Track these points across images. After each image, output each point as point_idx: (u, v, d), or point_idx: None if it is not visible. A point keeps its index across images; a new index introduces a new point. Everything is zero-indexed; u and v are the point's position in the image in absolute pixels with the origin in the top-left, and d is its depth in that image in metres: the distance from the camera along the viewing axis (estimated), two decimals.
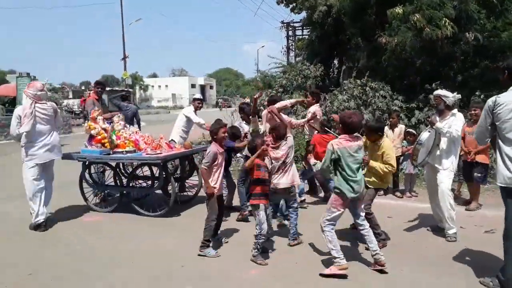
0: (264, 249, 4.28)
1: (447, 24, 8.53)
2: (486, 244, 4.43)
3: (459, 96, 4.76)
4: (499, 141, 3.41)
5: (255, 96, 5.84)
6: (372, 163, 4.36)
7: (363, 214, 4.04)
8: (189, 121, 7.20)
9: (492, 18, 9.95)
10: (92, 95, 6.93)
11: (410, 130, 6.90)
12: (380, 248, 4.01)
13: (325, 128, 6.12)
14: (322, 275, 3.78)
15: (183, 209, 6.11)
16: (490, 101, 3.41)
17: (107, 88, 25.84)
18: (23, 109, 5.14)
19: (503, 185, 3.37)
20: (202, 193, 6.64)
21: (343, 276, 3.74)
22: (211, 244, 4.41)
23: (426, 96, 9.09)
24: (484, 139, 3.66)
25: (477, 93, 8.67)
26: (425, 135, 4.73)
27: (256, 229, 4.16)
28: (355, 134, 3.94)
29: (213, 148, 4.36)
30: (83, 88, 47.42)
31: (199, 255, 4.30)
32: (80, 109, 24.10)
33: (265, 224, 4.17)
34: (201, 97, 7.55)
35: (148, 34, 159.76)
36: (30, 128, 5.10)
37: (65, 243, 4.84)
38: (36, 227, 5.28)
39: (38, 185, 5.32)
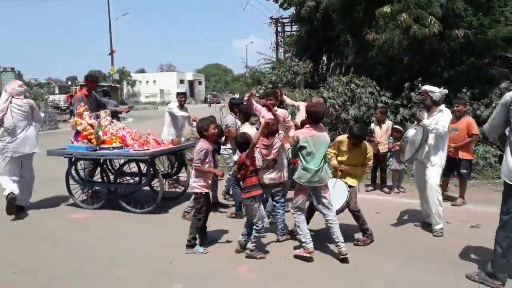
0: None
1: (433, 22, 8.61)
2: (472, 239, 4.49)
3: (445, 91, 4.77)
4: (510, 136, 3.37)
5: (251, 92, 5.84)
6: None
7: (328, 204, 4.09)
8: (175, 116, 7.14)
9: (479, 15, 10.08)
10: (82, 91, 6.77)
11: (397, 126, 6.96)
12: (368, 244, 4.08)
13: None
14: (295, 256, 4.10)
15: (171, 206, 6.07)
16: (508, 96, 3.32)
17: None
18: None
19: (508, 182, 3.35)
20: (190, 190, 6.63)
21: (309, 259, 4.01)
22: (197, 242, 4.36)
23: (410, 93, 9.19)
24: (496, 134, 3.60)
25: (463, 90, 8.79)
26: (411, 131, 4.74)
27: (258, 224, 4.06)
28: (320, 124, 4.12)
29: (204, 145, 4.29)
30: (69, 83, 46.68)
31: (186, 253, 4.26)
32: (66, 105, 23.75)
33: (265, 216, 4.17)
34: (184, 91, 7.42)
35: (136, 29, 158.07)
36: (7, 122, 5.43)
37: (52, 240, 4.76)
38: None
39: (13, 176, 5.59)
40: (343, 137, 4.69)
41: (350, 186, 4.44)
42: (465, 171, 6.04)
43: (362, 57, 10.86)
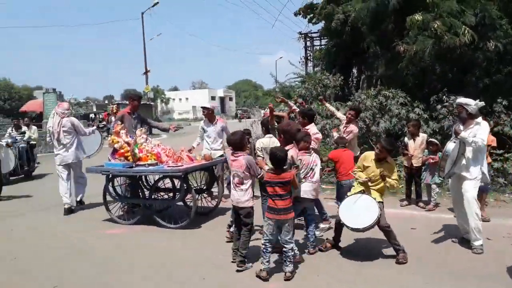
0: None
1: (466, 32, 8.41)
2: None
3: (482, 103, 4.60)
4: None
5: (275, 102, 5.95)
6: (390, 181, 4.41)
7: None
8: (204, 131, 7.28)
9: None
10: (125, 109, 6.98)
11: (433, 139, 6.74)
12: (403, 262, 4.14)
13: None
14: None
15: (203, 220, 6.16)
16: None
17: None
18: (52, 124, 6.97)
19: None
20: (222, 204, 6.72)
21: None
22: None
23: (441, 106, 8.98)
24: None
25: (498, 100, 8.48)
26: (451, 145, 4.59)
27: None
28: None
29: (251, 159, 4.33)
30: (106, 102, 48.59)
31: (237, 271, 4.18)
32: (104, 123, 24.71)
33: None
34: (207, 106, 7.37)
35: (169, 48, 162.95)
36: (59, 138, 6.89)
37: (89, 255, 4.94)
38: (65, 211, 6.85)
39: (65, 179, 6.97)
40: (368, 153, 4.67)
41: (379, 202, 4.39)
42: (482, 184, 5.71)
43: (392, 69, 10.70)
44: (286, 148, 4.36)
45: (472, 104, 4.58)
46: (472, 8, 8.94)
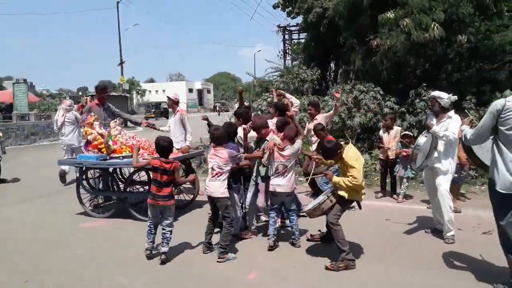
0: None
1: (435, 28, 8.59)
2: (483, 246, 4.44)
3: (455, 97, 4.69)
4: (502, 146, 3.31)
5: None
6: (335, 179, 4.17)
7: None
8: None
9: (486, 20, 10.03)
10: (94, 101, 6.88)
11: (407, 132, 6.87)
12: (340, 269, 3.94)
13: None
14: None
15: (180, 214, 6.09)
16: (499, 105, 3.27)
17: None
18: (57, 116, 8.83)
19: (503, 192, 3.29)
20: (199, 198, 6.66)
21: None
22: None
23: (414, 100, 9.18)
24: (480, 142, 3.57)
25: (467, 97, 8.74)
26: (422, 139, 4.68)
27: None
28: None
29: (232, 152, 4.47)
30: (80, 93, 47.33)
31: (219, 261, 4.22)
32: None
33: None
34: (169, 96, 7.17)
35: (145, 39, 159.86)
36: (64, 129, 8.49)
37: (63, 248, 4.81)
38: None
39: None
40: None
41: (340, 197, 4.18)
42: (456, 175, 5.87)
43: (368, 63, 10.86)
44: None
45: (445, 97, 4.67)
46: (443, 4, 9.13)
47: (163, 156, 4.30)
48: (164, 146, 4.31)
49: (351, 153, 4.14)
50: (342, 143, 4.29)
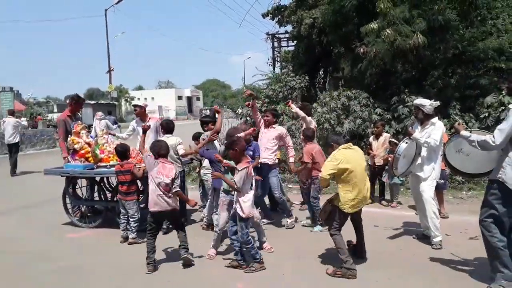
0: None
1: (418, 36, 8.72)
2: (471, 251, 4.48)
3: (437, 103, 4.72)
4: None
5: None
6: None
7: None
8: (134, 130, 6.85)
9: (470, 28, 10.25)
10: (65, 112, 6.65)
11: (392, 139, 6.93)
12: (338, 276, 3.98)
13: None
14: None
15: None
16: None
17: (92, 102, 25.60)
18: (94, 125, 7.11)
19: None
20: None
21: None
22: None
23: (398, 107, 9.29)
24: (504, 144, 3.53)
25: (453, 104, 8.88)
26: (402, 146, 4.69)
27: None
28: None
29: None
30: (67, 101, 46.83)
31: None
32: None
33: None
34: (139, 104, 7.06)
35: (134, 47, 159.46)
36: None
37: (50, 260, 4.71)
38: None
39: None
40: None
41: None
42: (442, 181, 5.81)
43: (356, 70, 10.99)
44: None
45: (427, 104, 4.70)
46: (425, 13, 9.29)
47: (122, 160, 5.32)
48: (120, 151, 5.37)
49: (338, 154, 4.13)
50: (344, 145, 4.28)
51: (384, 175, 6.83)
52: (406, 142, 4.70)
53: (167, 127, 5.81)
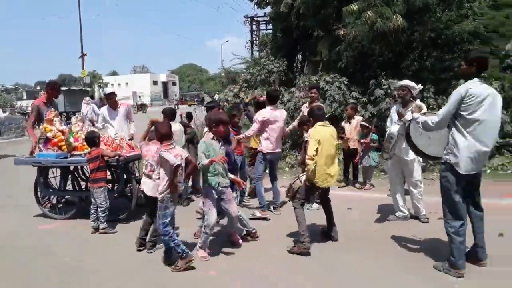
0: None
1: (398, 18, 8.81)
2: (440, 231, 4.64)
3: (421, 86, 5.00)
4: (462, 130, 3.48)
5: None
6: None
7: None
8: (104, 119, 6.74)
9: (447, 11, 10.40)
10: (41, 98, 6.45)
11: (363, 122, 7.01)
12: (295, 253, 4.17)
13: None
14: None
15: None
16: (462, 91, 3.46)
17: (64, 88, 24.74)
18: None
19: (464, 173, 3.49)
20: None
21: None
22: None
23: (374, 90, 9.37)
24: (443, 127, 3.67)
25: (427, 86, 9.05)
26: (395, 128, 4.74)
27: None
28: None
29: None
30: (38, 88, 45.25)
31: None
32: None
33: None
34: (111, 91, 6.86)
35: (108, 31, 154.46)
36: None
37: (20, 253, 4.58)
38: None
39: None
40: None
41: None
42: (423, 164, 6.07)
43: (334, 53, 11.01)
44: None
45: (417, 87, 4.89)
46: None
47: (91, 147, 5.22)
48: (88, 138, 5.29)
49: (314, 131, 4.28)
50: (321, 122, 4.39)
51: (366, 160, 6.93)
52: (398, 124, 4.71)
53: (170, 114, 6.03)
